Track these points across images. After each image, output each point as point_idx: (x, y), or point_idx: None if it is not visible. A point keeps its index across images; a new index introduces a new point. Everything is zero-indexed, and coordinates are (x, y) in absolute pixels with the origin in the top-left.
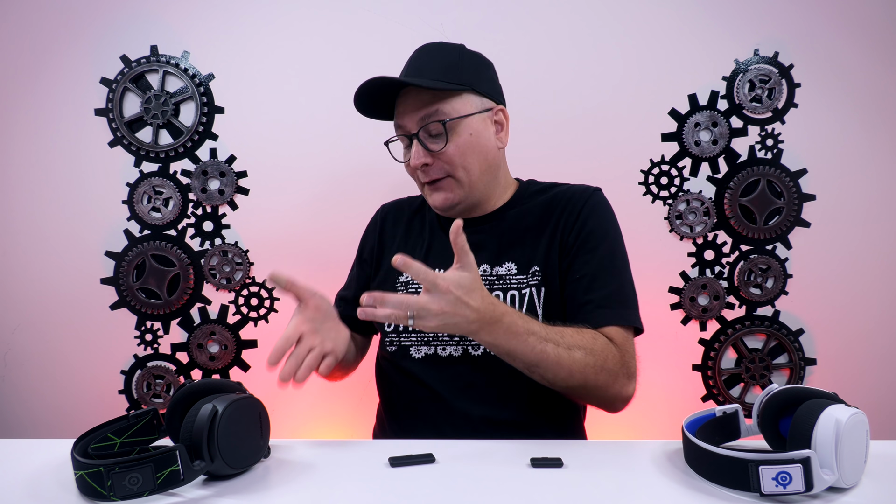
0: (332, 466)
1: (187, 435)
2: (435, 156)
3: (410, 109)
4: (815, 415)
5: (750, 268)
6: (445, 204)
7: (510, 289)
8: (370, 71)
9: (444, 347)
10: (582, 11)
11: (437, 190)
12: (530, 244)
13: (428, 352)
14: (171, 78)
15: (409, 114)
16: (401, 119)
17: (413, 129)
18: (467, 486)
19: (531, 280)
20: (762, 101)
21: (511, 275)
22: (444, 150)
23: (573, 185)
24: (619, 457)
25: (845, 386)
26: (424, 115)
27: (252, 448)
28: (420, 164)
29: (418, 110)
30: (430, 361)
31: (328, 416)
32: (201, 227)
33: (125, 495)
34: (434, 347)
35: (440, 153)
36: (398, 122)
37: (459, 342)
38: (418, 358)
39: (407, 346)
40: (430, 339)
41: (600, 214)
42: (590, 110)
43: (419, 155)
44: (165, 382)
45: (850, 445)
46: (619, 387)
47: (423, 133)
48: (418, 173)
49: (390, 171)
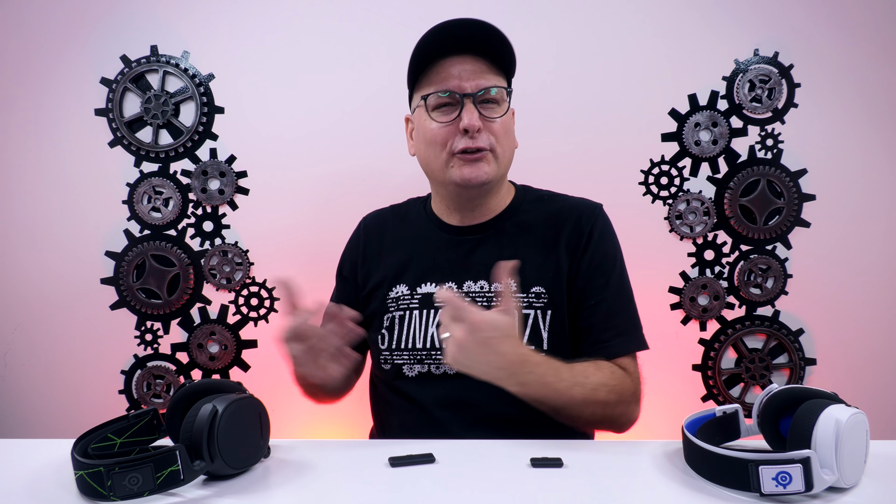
0: (332, 466)
1: (187, 435)
2: (486, 124)
3: (469, 70)
4: (815, 415)
5: (750, 268)
6: (482, 178)
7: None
8: (370, 71)
9: (437, 366)
10: (582, 12)
11: (476, 161)
12: (532, 263)
13: (421, 370)
14: (171, 78)
15: (467, 74)
16: (454, 78)
17: (469, 90)
18: (467, 486)
19: (535, 302)
20: (762, 101)
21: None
22: (495, 120)
23: (572, 197)
24: (619, 457)
25: (845, 386)
26: (485, 79)
27: (252, 448)
28: (477, 126)
29: (480, 73)
30: (423, 379)
31: (328, 417)
32: (201, 227)
33: (125, 495)
34: (427, 366)
35: (490, 123)
36: (448, 80)
37: None
38: (412, 376)
39: (400, 364)
40: (424, 356)
41: (609, 238)
42: (590, 110)
43: (475, 116)
44: (165, 382)
45: (850, 445)
46: (630, 413)
47: (480, 96)
48: (456, 140)
49: (391, 170)
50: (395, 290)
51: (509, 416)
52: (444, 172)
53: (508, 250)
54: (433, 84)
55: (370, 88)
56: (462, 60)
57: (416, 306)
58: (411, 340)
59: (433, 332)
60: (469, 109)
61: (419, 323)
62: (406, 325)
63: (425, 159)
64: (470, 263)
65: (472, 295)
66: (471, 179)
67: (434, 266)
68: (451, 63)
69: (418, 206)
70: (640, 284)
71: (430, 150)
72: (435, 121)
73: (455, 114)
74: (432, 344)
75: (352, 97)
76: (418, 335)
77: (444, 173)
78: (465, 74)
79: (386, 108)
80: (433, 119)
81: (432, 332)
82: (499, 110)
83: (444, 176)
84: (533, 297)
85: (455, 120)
